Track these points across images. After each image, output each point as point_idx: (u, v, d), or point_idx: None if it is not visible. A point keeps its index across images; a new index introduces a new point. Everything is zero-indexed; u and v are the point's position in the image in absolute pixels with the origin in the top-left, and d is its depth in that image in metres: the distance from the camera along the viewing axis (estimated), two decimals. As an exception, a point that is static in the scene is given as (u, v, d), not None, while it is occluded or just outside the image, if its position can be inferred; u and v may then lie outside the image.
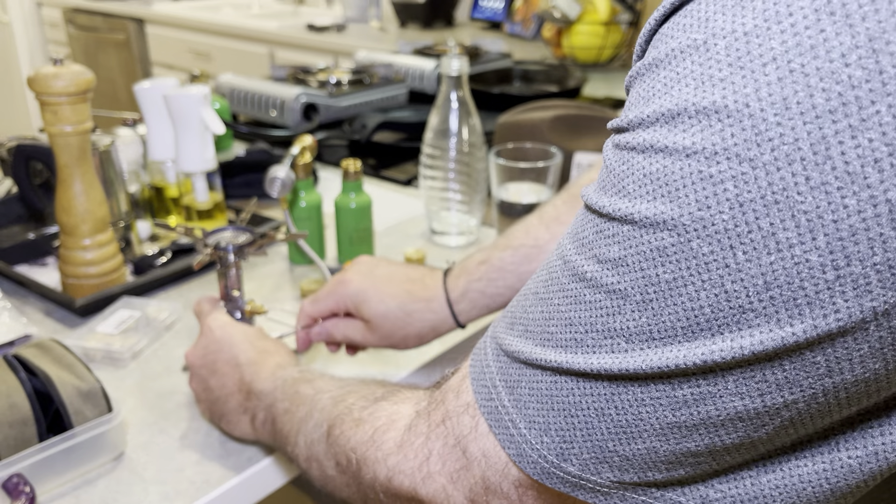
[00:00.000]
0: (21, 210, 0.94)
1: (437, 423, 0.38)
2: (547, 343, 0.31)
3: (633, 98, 0.28)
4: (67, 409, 0.55)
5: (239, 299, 0.66)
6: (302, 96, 1.27)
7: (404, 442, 0.40)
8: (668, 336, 0.27)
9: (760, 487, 0.30)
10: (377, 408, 0.44)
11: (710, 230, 0.25)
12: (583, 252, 0.30)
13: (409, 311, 0.62)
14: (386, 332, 0.62)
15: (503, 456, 0.34)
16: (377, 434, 0.42)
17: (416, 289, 0.62)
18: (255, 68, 2.55)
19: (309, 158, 0.84)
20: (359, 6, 2.61)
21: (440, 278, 0.63)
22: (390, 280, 0.63)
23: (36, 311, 0.78)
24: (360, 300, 0.62)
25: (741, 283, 0.24)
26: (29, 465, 0.52)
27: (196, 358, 0.60)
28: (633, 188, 0.27)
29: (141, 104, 0.91)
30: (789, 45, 0.23)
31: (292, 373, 0.55)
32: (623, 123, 0.28)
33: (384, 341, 0.63)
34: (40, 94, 0.71)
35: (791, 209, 0.23)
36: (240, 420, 0.57)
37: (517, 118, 0.97)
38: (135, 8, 2.98)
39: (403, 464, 0.39)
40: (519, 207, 0.82)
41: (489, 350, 0.36)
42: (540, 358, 0.31)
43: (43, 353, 0.59)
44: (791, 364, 0.25)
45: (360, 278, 0.63)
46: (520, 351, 0.33)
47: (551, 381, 0.31)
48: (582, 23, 1.77)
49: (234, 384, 0.57)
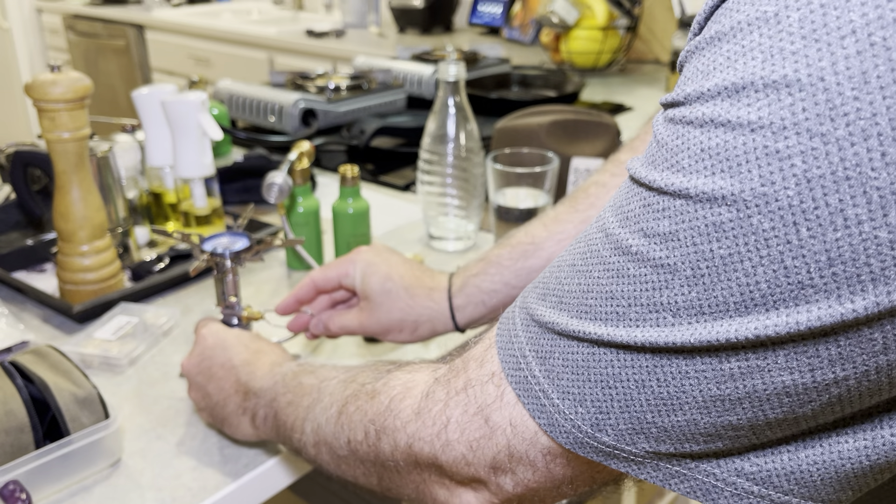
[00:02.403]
0: (19, 216, 0.94)
1: (457, 391, 0.38)
2: (584, 315, 0.31)
3: (689, 73, 0.28)
4: (64, 415, 0.55)
5: (236, 305, 0.66)
6: (300, 102, 1.28)
7: (422, 409, 0.39)
8: (718, 311, 0.26)
9: (798, 462, 0.30)
10: (391, 377, 0.43)
11: (773, 206, 0.24)
12: (627, 226, 0.29)
13: (412, 294, 0.62)
14: (384, 312, 0.62)
15: (532, 425, 0.34)
16: (393, 403, 0.41)
17: (423, 276, 0.64)
18: (254, 74, 2.56)
19: (306, 164, 0.84)
20: (358, 12, 2.62)
21: (446, 275, 0.65)
22: (402, 262, 0.65)
23: (34, 318, 0.78)
24: (369, 272, 0.63)
25: (802, 259, 0.24)
26: (25, 472, 0.52)
27: (192, 366, 0.60)
28: (688, 163, 0.27)
29: (139, 110, 0.92)
30: (870, 17, 0.22)
31: (291, 367, 0.55)
32: (678, 98, 0.28)
33: (380, 325, 0.63)
34: (38, 101, 0.71)
35: (863, 185, 0.23)
36: (240, 421, 0.57)
37: (514, 123, 0.97)
38: (134, 14, 2.99)
39: (422, 430, 0.39)
40: (516, 212, 0.82)
41: (518, 320, 0.36)
42: (577, 329, 0.31)
43: (40, 360, 0.59)
44: (847, 340, 0.25)
45: (372, 253, 0.65)
46: (554, 322, 0.32)
47: (588, 353, 0.31)
48: (580, 28, 1.78)
49: (231, 386, 0.57)
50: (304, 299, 0.66)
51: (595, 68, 1.84)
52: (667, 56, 1.89)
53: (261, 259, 0.67)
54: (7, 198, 0.96)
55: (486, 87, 1.57)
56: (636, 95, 1.65)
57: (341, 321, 0.65)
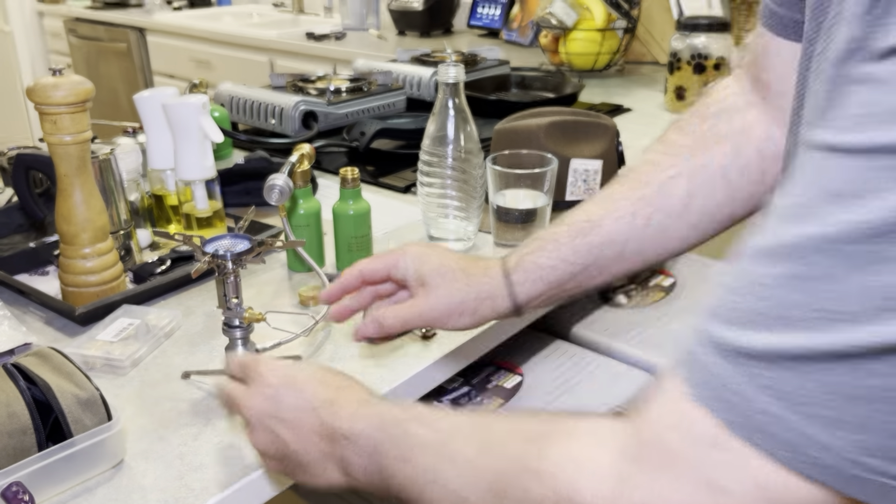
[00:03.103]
0: (22, 219, 0.95)
1: (665, 467, 0.32)
2: (830, 328, 0.27)
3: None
4: (67, 417, 0.56)
5: (237, 307, 0.66)
6: (301, 104, 1.28)
7: (618, 497, 0.34)
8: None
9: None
10: (552, 452, 0.37)
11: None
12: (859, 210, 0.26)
13: (468, 273, 0.60)
14: (443, 295, 0.59)
15: (783, 478, 0.29)
16: (572, 487, 0.35)
17: (475, 259, 0.63)
18: (255, 76, 2.56)
19: (307, 166, 0.85)
20: (358, 15, 2.63)
21: (498, 258, 0.63)
22: (451, 251, 0.64)
23: (36, 320, 0.79)
24: (422, 260, 0.61)
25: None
26: (28, 474, 0.53)
27: (257, 410, 0.53)
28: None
29: (140, 113, 0.92)
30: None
31: (387, 409, 0.49)
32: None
33: (439, 309, 0.60)
34: (39, 105, 0.71)
35: None
36: (325, 469, 0.51)
37: (513, 125, 0.98)
38: (136, 17, 2.99)
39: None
40: (515, 213, 0.82)
41: (716, 362, 0.31)
42: (822, 347, 0.27)
43: (42, 362, 0.59)
44: None
45: (421, 245, 0.64)
46: (783, 348, 0.28)
47: (847, 370, 0.27)
48: (578, 30, 1.78)
49: (311, 430, 0.51)
50: (349, 288, 0.63)
51: (594, 70, 1.84)
52: (665, 57, 1.89)
53: (262, 261, 0.67)
54: (10, 201, 0.96)
55: (485, 88, 1.57)
56: (634, 96, 1.66)
57: (397, 313, 0.60)
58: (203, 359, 0.73)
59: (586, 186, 0.97)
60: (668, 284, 1.09)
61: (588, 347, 0.96)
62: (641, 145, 1.33)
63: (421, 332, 0.75)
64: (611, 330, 0.98)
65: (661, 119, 1.49)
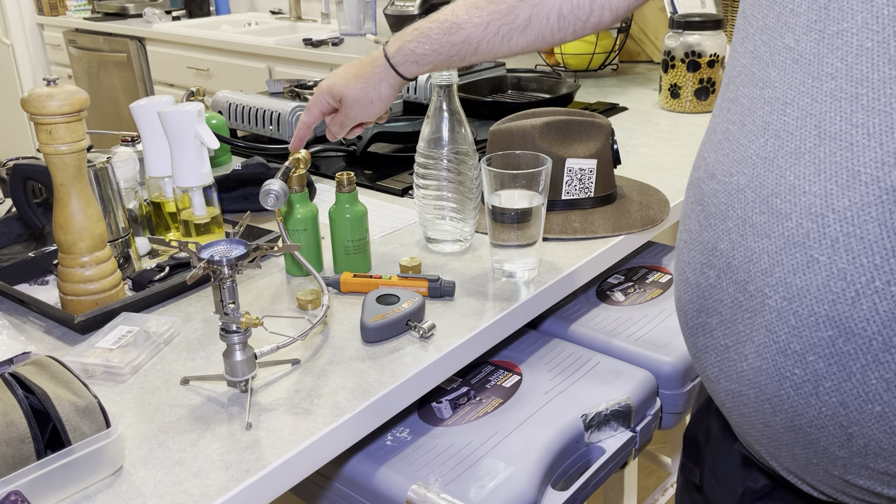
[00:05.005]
0: (21, 229, 0.95)
1: None
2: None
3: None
4: (65, 425, 0.56)
5: (234, 312, 0.66)
6: (297, 110, 1.28)
7: None
8: None
9: None
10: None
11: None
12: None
13: (362, 76, 0.84)
14: (354, 97, 0.84)
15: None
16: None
17: (363, 62, 0.85)
18: (254, 84, 2.57)
19: (303, 171, 0.85)
20: (355, 20, 2.64)
21: (381, 48, 0.85)
22: (346, 68, 0.86)
23: (36, 329, 0.79)
24: (333, 90, 0.85)
25: None
26: (27, 483, 0.53)
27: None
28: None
29: (137, 122, 0.93)
30: None
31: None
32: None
33: (354, 109, 0.84)
34: (34, 115, 0.72)
35: None
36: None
37: (508, 126, 0.98)
38: (135, 27, 3.01)
39: None
40: (511, 214, 0.83)
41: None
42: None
43: (40, 371, 0.60)
44: None
45: (327, 81, 0.86)
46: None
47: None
48: (575, 29, 1.78)
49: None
50: (305, 138, 0.88)
51: (589, 69, 1.84)
52: (659, 56, 1.89)
53: (258, 266, 0.67)
54: (9, 211, 0.97)
55: (482, 91, 1.58)
56: (630, 95, 1.66)
57: (334, 119, 0.88)
58: (202, 364, 0.73)
59: (581, 185, 0.97)
60: (665, 281, 1.09)
61: (586, 345, 0.96)
62: (637, 143, 1.33)
63: (419, 333, 0.76)
64: (608, 328, 0.98)
65: (657, 117, 1.49)
